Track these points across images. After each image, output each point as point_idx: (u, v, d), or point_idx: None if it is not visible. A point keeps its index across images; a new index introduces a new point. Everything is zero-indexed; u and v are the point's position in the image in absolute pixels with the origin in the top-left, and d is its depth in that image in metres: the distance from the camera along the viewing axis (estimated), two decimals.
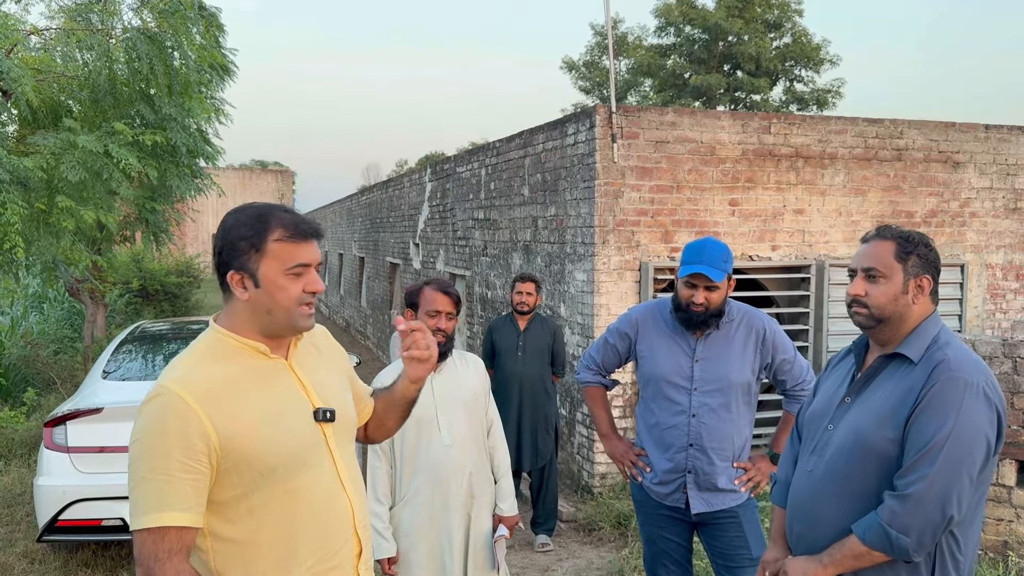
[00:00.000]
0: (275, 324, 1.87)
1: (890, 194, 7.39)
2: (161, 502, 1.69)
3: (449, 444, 3.24)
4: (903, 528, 1.98)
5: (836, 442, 2.18)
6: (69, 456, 4.93)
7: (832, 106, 28.65)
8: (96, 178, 7.47)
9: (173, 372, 1.80)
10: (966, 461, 1.99)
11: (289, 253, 1.84)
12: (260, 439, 1.78)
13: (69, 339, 13.37)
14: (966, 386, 2.01)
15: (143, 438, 1.73)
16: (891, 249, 2.17)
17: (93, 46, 7.70)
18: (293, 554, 1.83)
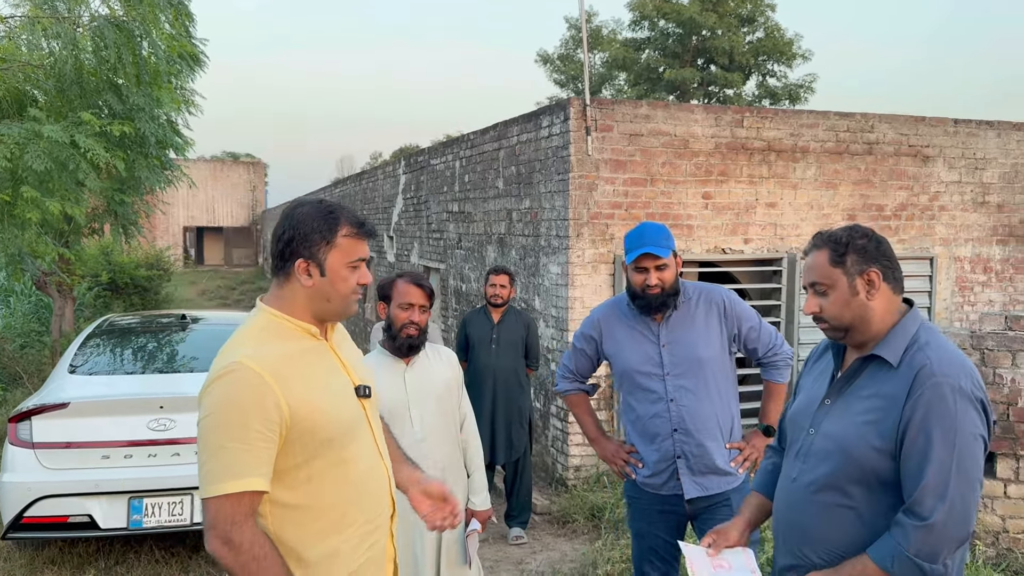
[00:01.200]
0: (330, 309, 2.06)
1: (861, 188, 7.46)
2: (242, 469, 1.85)
3: (421, 437, 3.23)
4: (932, 556, 1.92)
5: (818, 449, 2.13)
6: (34, 452, 4.84)
7: (804, 101, 28.90)
8: (62, 169, 7.34)
9: (242, 349, 1.94)
10: (974, 471, 1.95)
11: (353, 248, 2.05)
12: (321, 411, 1.95)
13: (36, 333, 13.16)
14: (954, 392, 1.94)
15: (220, 410, 1.87)
16: (826, 257, 2.10)
17: (59, 34, 7.56)
18: (344, 517, 2.01)
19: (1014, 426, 4.64)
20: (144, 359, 6.06)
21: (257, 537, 1.86)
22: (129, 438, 4.87)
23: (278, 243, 2.04)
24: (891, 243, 7.06)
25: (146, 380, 5.57)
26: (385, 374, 3.25)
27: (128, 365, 5.91)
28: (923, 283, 7.75)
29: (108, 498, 4.78)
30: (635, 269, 3.19)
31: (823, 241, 2.14)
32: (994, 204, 8.04)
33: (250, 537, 1.85)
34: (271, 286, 2.11)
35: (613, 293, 6.66)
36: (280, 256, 2.04)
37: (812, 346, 7.25)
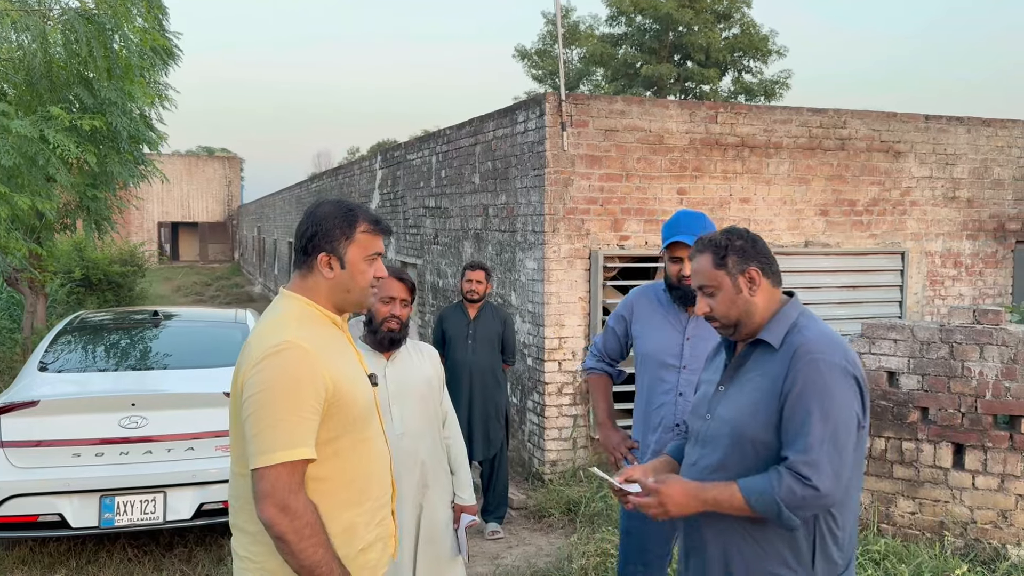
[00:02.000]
0: (349, 300, 2.23)
1: (833, 183, 7.53)
2: (298, 438, 1.98)
3: (401, 433, 3.21)
4: (794, 506, 2.05)
5: (714, 432, 2.26)
6: (3, 451, 4.78)
7: (779, 97, 29.06)
8: (31, 164, 7.25)
9: (289, 330, 2.08)
10: (847, 443, 2.09)
11: (371, 242, 2.22)
12: (351, 392, 2.12)
13: (8, 330, 12.98)
14: (828, 366, 2.09)
15: (275, 385, 2.00)
16: (709, 260, 2.27)
17: (28, 27, 7.45)
18: (364, 490, 2.19)
19: (982, 418, 4.71)
20: (116, 356, 6.00)
21: (310, 504, 2.00)
22: (100, 436, 4.82)
23: (302, 239, 2.20)
24: (863, 237, 7.10)
25: (118, 377, 5.52)
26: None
27: (99, 362, 5.85)
28: (895, 277, 7.84)
29: (79, 497, 4.73)
30: (670, 259, 3.17)
31: (705, 246, 2.29)
32: (964, 199, 8.14)
33: (304, 503, 1.98)
34: (294, 277, 2.24)
35: (589, 288, 6.68)
36: (304, 251, 2.20)
37: None
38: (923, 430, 4.87)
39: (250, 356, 2.07)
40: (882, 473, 4.97)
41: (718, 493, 2.13)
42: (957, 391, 4.78)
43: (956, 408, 4.78)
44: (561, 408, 6.71)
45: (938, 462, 4.84)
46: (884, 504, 4.97)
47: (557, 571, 4.92)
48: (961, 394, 4.77)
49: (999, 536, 4.69)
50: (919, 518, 4.89)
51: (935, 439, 4.83)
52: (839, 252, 7.60)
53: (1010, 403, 4.65)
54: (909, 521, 4.91)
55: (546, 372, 6.64)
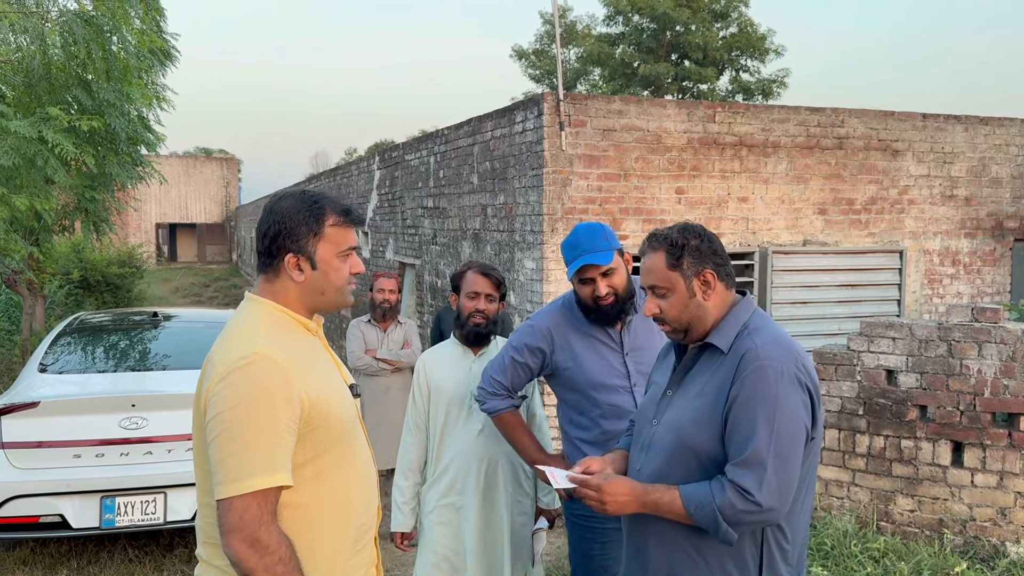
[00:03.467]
0: (325, 302, 2.00)
1: (831, 182, 7.54)
2: (271, 463, 1.75)
3: (479, 429, 3.22)
4: (735, 523, 1.96)
5: (659, 440, 2.15)
6: (4, 452, 4.79)
7: (777, 96, 29.11)
8: (30, 165, 7.25)
9: (258, 340, 1.85)
10: (793, 456, 1.97)
11: (342, 236, 1.98)
12: (332, 405, 1.92)
13: (6, 332, 12.99)
14: (776, 375, 1.97)
15: (245, 403, 1.76)
16: (663, 260, 2.13)
17: (27, 29, 7.45)
18: (344, 516, 1.96)
19: (980, 416, 4.73)
20: (116, 357, 6.01)
21: (283, 537, 1.77)
22: (101, 437, 4.83)
23: (264, 239, 1.97)
24: (862, 236, 7.10)
25: (117, 378, 5.52)
26: (451, 364, 3.30)
27: (99, 363, 5.85)
28: (893, 276, 7.85)
29: (80, 497, 4.74)
30: (579, 282, 2.90)
31: (659, 243, 2.16)
32: (962, 198, 8.16)
33: (277, 536, 1.76)
34: (259, 281, 2.02)
35: None
36: (267, 253, 1.97)
37: None
38: (922, 428, 4.88)
39: (214, 370, 1.82)
40: (881, 471, 4.99)
41: (659, 497, 2.03)
42: (956, 389, 4.79)
43: (955, 406, 4.79)
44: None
45: (937, 460, 4.85)
46: (883, 502, 4.99)
47: (556, 570, 4.93)
48: (960, 392, 4.78)
49: (998, 533, 4.70)
50: (918, 516, 4.90)
51: (934, 437, 4.84)
52: (837, 251, 7.61)
53: (1008, 401, 4.66)
54: (908, 519, 4.92)
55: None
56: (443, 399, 3.26)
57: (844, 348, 5.16)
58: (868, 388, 5.01)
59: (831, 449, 5.14)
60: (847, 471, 5.08)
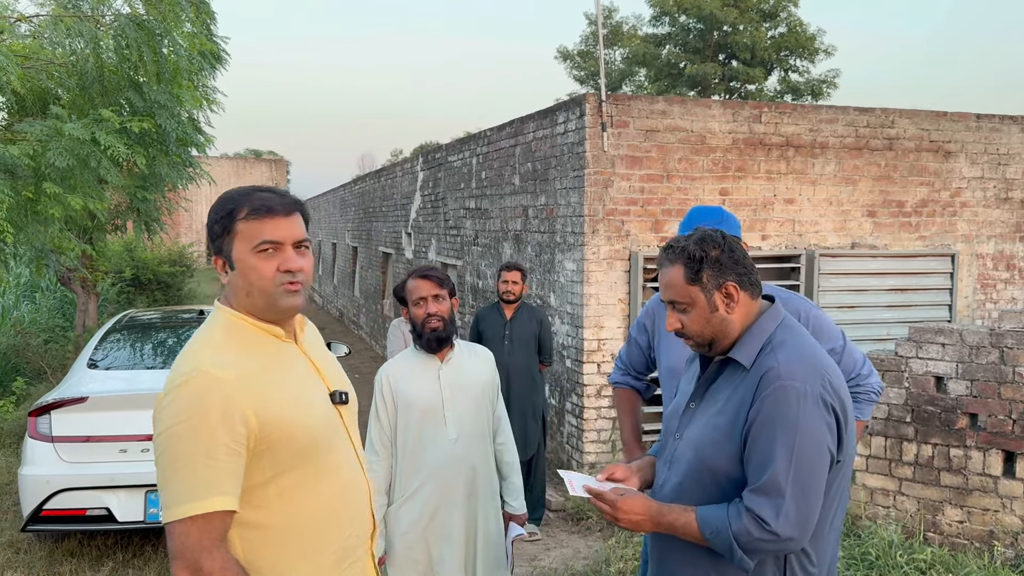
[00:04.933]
0: (256, 305, 1.84)
1: (880, 183, 7.38)
2: (209, 487, 1.66)
3: (455, 438, 3.12)
4: (751, 550, 1.89)
5: (680, 457, 2.09)
6: (53, 445, 4.91)
7: (827, 96, 28.62)
8: (84, 165, 7.42)
9: (203, 355, 1.76)
10: (813, 482, 1.88)
11: (256, 231, 1.80)
12: (291, 421, 1.78)
13: (61, 328, 13.33)
14: (799, 396, 1.86)
15: (182, 422, 1.67)
16: (681, 274, 2.03)
17: (82, 33, 7.64)
18: (322, 535, 1.83)
19: None
20: (163, 354, 6.12)
21: (228, 563, 1.67)
22: (147, 432, 4.90)
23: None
24: (912, 239, 6.93)
25: (164, 375, 5.60)
26: (419, 373, 3.16)
27: (147, 360, 5.97)
28: (944, 280, 7.65)
29: (126, 491, 4.84)
30: None
31: (676, 256, 2.05)
32: (1018, 200, 7.92)
33: (221, 563, 1.66)
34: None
35: (629, 290, 6.64)
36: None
37: None
38: (972, 437, 4.74)
39: (165, 385, 1.75)
40: (929, 480, 4.86)
41: (675, 519, 1.97)
42: (1008, 397, 4.64)
43: (1007, 414, 4.65)
44: (600, 410, 6.68)
45: (987, 470, 4.70)
46: (931, 512, 4.85)
47: (594, 574, 4.89)
48: (1012, 400, 4.63)
49: None
50: (967, 527, 4.76)
51: (984, 446, 4.70)
52: (887, 254, 7.44)
53: None
54: (957, 530, 4.79)
55: (585, 374, 6.61)
56: (415, 412, 3.12)
57: (892, 354, 5.04)
58: (916, 395, 4.89)
59: (877, 457, 5.02)
60: (893, 479, 4.96)
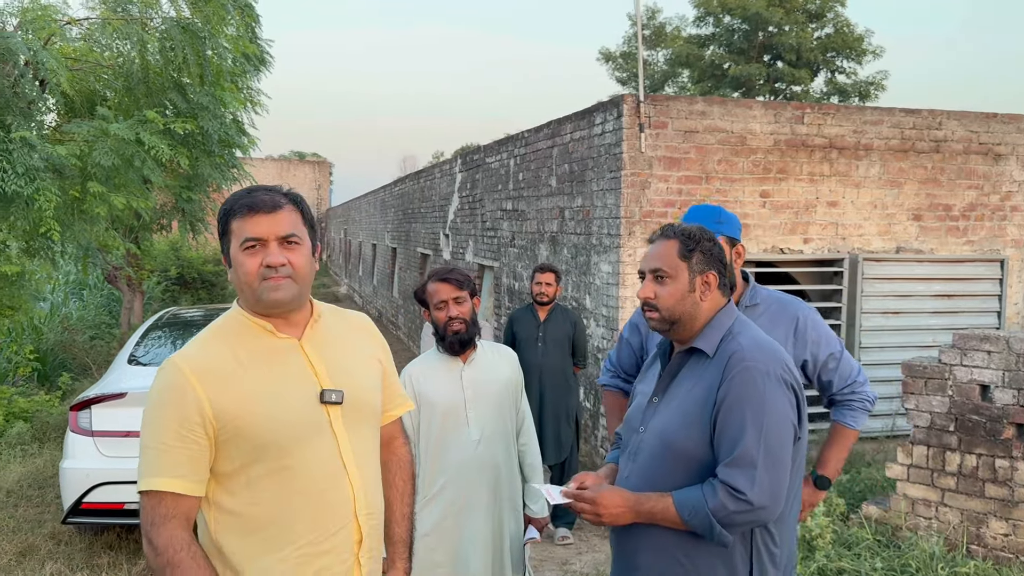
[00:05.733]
0: (250, 301, 1.92)
1: (927, 186, 7.20)
2: (156, 468, 1.79)
3: (477, 439, 3.10)
4: (729, 524, 1.98)
5: (646, 446, 2.16)
6: (93, 440, 4.99)
7: (875, 98, 28.06)
8: (128, 165, 7.56)
9: (185, 349, 1.90)
10: (783, 455, 2.00)
11: (241, 228, 1.88)
12: (255, 414, 1.84)
13: (107, 325, 13.61)
14: (763, 376, 2.01)
15: (147, 409, 1.85)
16: (675, 248, 2.16)
17: (129, 35, 7.79)
18: (287, 530, 1.86)
19: None
20: None
21: (174, 541, 1.77)
22: None
23: None
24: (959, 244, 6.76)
25: None
26: (441, 373, 3.14)
27: None
28: (993, 286, 7.44)
29: None
30: None
31: (675, 234, 2.19)
32: None
33: (166, 539, 1.76)
34: None
35: None
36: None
37: (875, 351, 7.10)
38: (1019, 447, 4.59)
39: None
40: (973, 492, 4.71)
41: (653, 505, 2.05)
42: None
43: None
44: None
45: None
46: (974, 524, 4.71)
47: None
48: None
49: None
50: (1013, 540, 4.61)
51: None
52: (933, 259, 7.26)
53: None
54: (1002, 543, 4.64)
55: None
56: (437, 412, 3.11)
57: (935, 361, 4.90)
58: (960, 404, 4.74)
59: (919, 467, 4.89)
60: (935, 490, 4.82)
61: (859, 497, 5.55)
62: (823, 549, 4.61)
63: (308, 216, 1.98)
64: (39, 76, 7.47)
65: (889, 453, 5.63)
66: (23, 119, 7.19)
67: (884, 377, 7.06)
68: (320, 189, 41.56)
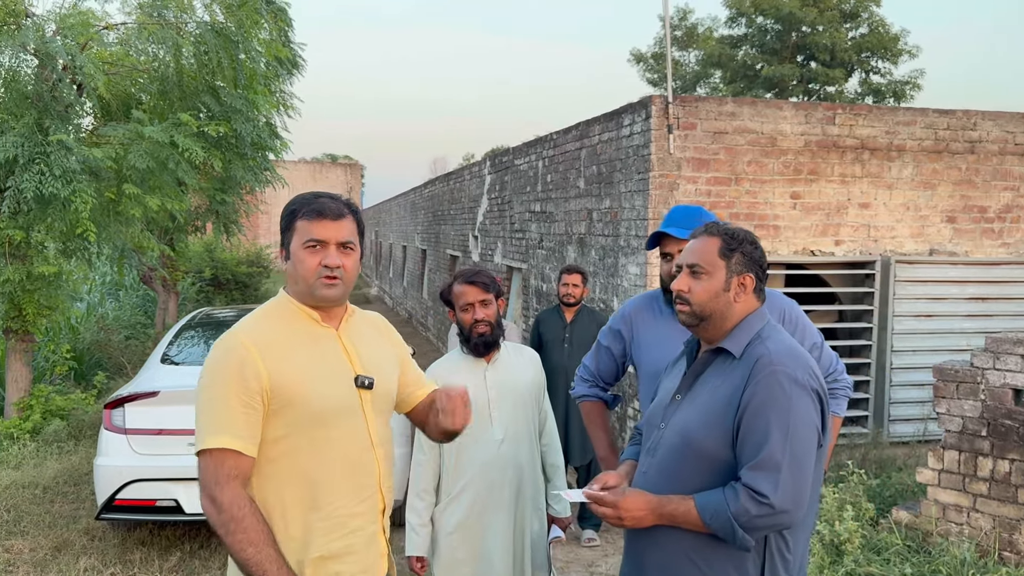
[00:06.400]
0: (301, 292, 2.12)
1: (961, 188, 7.09)
2: (219, 427, 1.96)
3: (501, 439, 3.13)
4: (751, 528, 1.97)
5: (666, 442, 2.17)
6: (126, 437, 5.08)
7: (910, 98, 27.64)
8: (162, 167, 7.69)
9: (241, 325, 2.11)
10: (806, 459, 2.00)
11: (307, 229, 2.09)
12: (303, 387, 2.03)
13: (142, 325, 13.84)
14: (790, 381, 2.01)
15: (208, 373, 2.02)
16: (716, 246, 2.17)
17: (164, 40, 7.92)
18: (326, 493, 2.06)
19: None
20: None
21: (238, 499, 1.93)
22: None
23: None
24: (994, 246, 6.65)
25: None
26: (464, 373, 3.17)
27: None
28: None
29: (194, 484, 4.96)
30: (661, 255, 2.83)
31: (718, 232, 2.20)
32: None
33: (231, 497, 1.92)
34: None
35: None
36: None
37: (907, 354, 7.01)
38: None
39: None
40: (1005, 497, 4.63)
41: (674, 508, 2.05)
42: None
43: None
44: None
45: None
46: (1007, 530, 4.63)
47: None
48: None
49: None
50: None
51: None
52: (967, 261, 7.14)
53: None
54: None
55: None
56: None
57: (967, 365, 4.83)
58: (993, 408, 4.66)
59: (950, 472, 4.81)
60: (967, 495, 4.74)
61: (889, 502, 5.48)
62: (851, 554, 4.56)
63: (361, 226, 2.20)
64: (76, 80, 7.63)
65: (920, 458, 5.54)
66: (61, 122, 7.35)
67: (916, 381, 6.97)
68: (352, 191, 41.85)
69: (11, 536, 5.51)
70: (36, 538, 5.46)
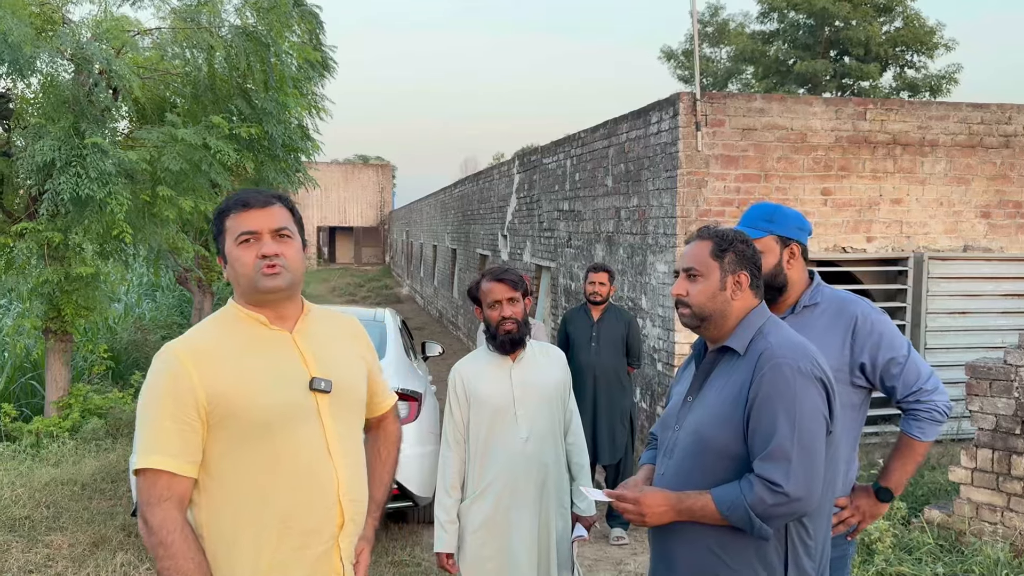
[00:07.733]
0: (247, 292, 2.00)
1: (996, 183, 6.98)
2: (151, 446, 1.87)
3: (526, 437, 3.14)
4: (767, 517, 2.02)
5: (681, 443, 2.22)
6: None
7: (947, 93, 27.18)
8: (195, 169, 7.80)
9: (186, 335, 2.01)
10: (817, 447, 2.05)
11: (236, 224, 1.98)
12: (247, 396, 1.92)
13: (178, 325, 14.05)
14: (793, 372, 2.05)
15: (144, 390, 1.94)
16: (708, 248, 2.23)
17: (197, 44, 8.05)
18: (272, 509, 1.93)
19: None
20: None
21: (167, 522, 1.83)
22: None
23: None
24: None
25: None
26: (491, 372, 3.19)
27: None
28: None
29: None
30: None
31: (708, 236, 2.26)
32: None
33: (160, 520, 1.83)
34: None
35: None
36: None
37: (942, 353, 6.90)
38: None
39: None
40: None
41: (693, 503, 2.10)
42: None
43: None
44: None
45: None
46: None
47: None
48: None
49: None
50: None
51: None
52: (1002, 257, 7.03)
53: None
54: None
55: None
56: (486, 409, 3.16)
57: (1000, 362, 4.76)
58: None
59: (983, 470, 4.74)
60: (1001, 495, 4.67)
61: (921, 501, 5.42)
62: (883, 553, 4.51)
63: (297, 215, 2.08)
64: (112, 84, 7.78)
65: (953, 456, 5.46)
66: (96, 126, 7.49)
67: (950, 379, 6.78)
68: (383, 192, 42.13)
69: (50, 532, 5.63)
70: (75, 534, 5.57)
